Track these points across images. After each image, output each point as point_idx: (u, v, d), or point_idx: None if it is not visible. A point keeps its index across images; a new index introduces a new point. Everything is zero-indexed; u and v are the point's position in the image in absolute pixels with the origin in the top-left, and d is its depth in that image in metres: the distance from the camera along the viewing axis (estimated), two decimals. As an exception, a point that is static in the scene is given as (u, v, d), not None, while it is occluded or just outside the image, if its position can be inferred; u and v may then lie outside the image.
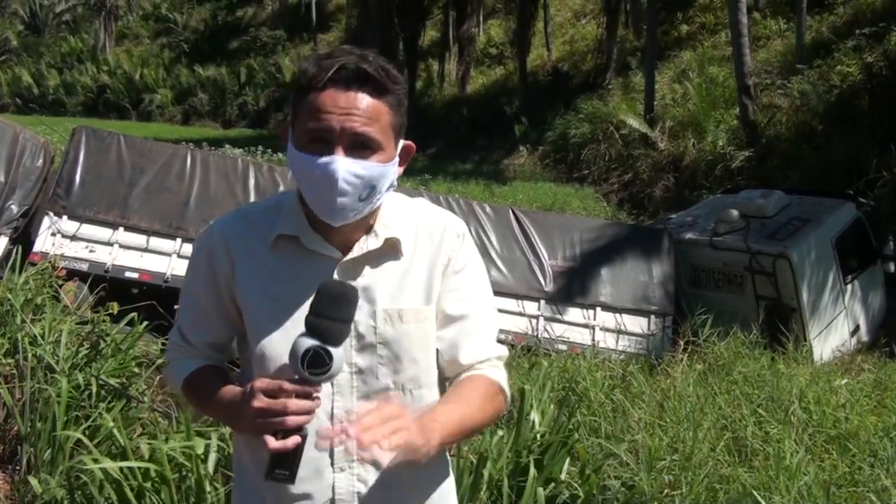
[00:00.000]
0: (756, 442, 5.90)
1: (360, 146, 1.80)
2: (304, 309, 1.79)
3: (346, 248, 1.92)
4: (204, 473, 3.50)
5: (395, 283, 1.94)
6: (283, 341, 1.85)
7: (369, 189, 1.82)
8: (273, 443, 1.70)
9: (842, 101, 17.64)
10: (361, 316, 1.88)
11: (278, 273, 1.91)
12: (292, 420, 1.71)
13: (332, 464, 1.91)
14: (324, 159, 1.78)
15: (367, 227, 1.93)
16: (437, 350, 2.01)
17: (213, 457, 3.66)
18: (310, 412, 1.74)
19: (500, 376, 2.05)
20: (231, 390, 1.93)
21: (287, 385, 1.73)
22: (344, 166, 1.77)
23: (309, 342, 1.72)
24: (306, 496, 1.92)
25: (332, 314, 1.74)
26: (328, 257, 1.91)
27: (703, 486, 4.61)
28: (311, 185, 1.83)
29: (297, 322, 1.83)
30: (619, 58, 26.78)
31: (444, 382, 2.06)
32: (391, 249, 1.95)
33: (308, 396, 1.73)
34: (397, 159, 1.91)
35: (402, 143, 1.93)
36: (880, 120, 16.02)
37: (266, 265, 1.92)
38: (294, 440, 1.72)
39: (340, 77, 1.79)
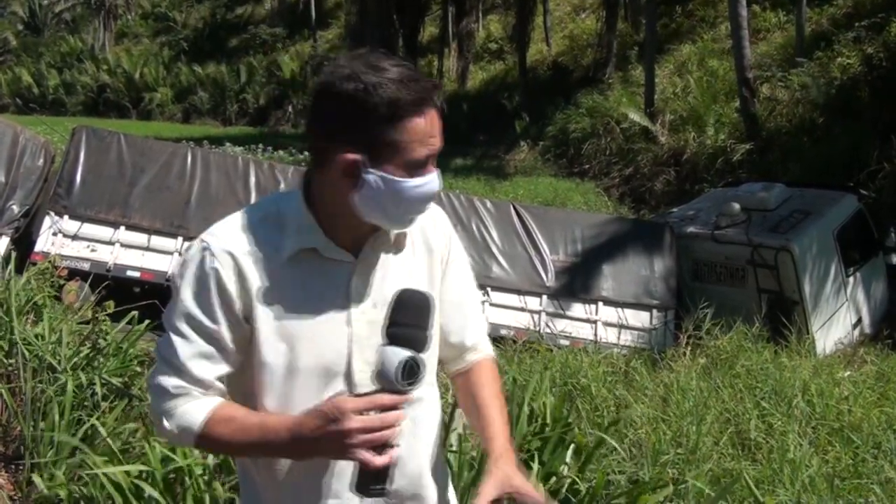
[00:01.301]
0: (759, 435, 5.90)
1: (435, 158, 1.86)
2: (331, 320, 1.84)
3: (356, 249, 1.90)
4: (204, 473, 3.50)
5: (403, 277, 1.95)
6: (312, 355, 1.85)
7: None
8: (379, 459, 1.70)
9: (842, 93, 17.61)
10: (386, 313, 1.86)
11: (299, 287, 1.86)
12: (389, 433, 1.71)
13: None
14: (428, 178, 1.83)
15: (373, 225, 1.91)
16: (442, 335, 2.09)
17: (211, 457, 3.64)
18: (399, 423, 1.74)
19: (491, 349, 2.24)
20: (285, 420, 1.80)
21: (387, 399, 1.72)
22: (439, 180, 1.87)
23: (403, 352, 1.71)
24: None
25: (417, 322, 1.77)
26: (343, 262, 1.89)
27: (707, 479, 4.61)
28: (410, 206, 1.85)
29: (323, 333, 1.85)
30: (618, 52, 26.74)
31: (442, 362, 2.15)
32: (397, 243, 1.96)
33: (395, 407, 1.73)
34: None
35: None
36: (881, 111, 15.99)
37: (285, 280, 1.85)
38: (391, 453, 1.73)
39: (433, 99, 1.81)
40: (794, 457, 5.22)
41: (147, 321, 5.58)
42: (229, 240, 1.85)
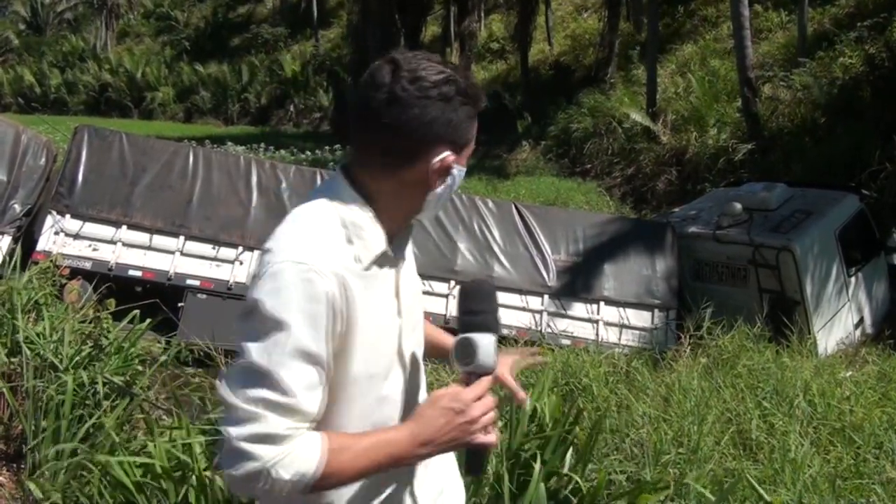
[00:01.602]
0: (761, 435, 5.90)
1: None
2: (391, 315, 1.91)
3: (390, 245, 1.93)
4: (205, 469, 3.50)
5: (411, 265, 2.07)
6: (384, 354, 1.91)
7: None
8: (492, 438, 1.86)
9: (844, 93, 17.59)
10: (414, 302, 2.01)
11: (378, 291, 1.87)
12: (496, 412, 1.87)
13: None
14: (463, 168, 1.96)
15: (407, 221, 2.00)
16: None
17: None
18: None
19: None
20: (403, 429, 1.81)
21: (489, 381, 1.88)
22: None
23: (492, 338, 1.86)
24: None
25: (485, 308, 1.91)
26: (394, 258, 1.93)
27: (709, 479, 4.61)
28: (448, 194, 1.96)
29: (390, 331, 1.91)
30: (620, 51, 26.73)
31: None
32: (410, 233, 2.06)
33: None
34: None
35: None
36: (883, 111, 15.97)
37: (370, 287, 1.84)
38: (496, 431, 1.89)
39: None
40: (795, 457, 5.22)
41: (148, 320, 5.58)
42: (328, 257, 1.77)
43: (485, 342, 1.84)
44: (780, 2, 23.76)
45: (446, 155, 1.86)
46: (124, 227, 10.96)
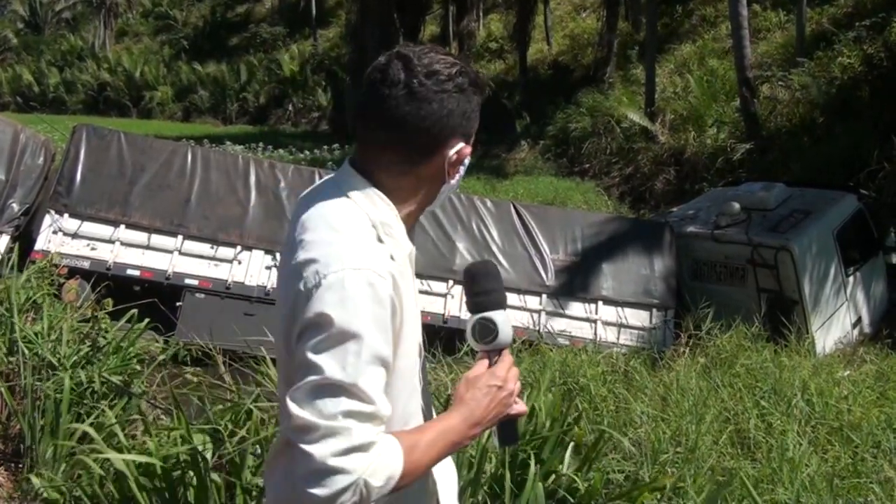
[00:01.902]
0: (759, 434, 5.91)
1: None
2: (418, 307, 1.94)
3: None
4: (204, 468, 3.50)
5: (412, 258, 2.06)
6: (417, 348, 1.93)
7: None
8: (524, 406, 1.97)
9: (842, 92, 17.60)
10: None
11: (408, 286, 1.86)
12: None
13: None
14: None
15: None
16: None
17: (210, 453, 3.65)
18: None
19: None
20: (452, 414, 1.83)
21: (509, 355, 1.94)
22: None
23: (503, 314, 1.93)
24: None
25: (493, 287, 1.95)
26: (413, 253, 1.96)
27: (707, 478, 4.61)
28: (458, 184, 1.98)
29: (420, 320, 1.94)
30: (619, 51, 26.73)
31: None
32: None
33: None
34: None
35: None
36: (881, 111, 15.98)
37: (407, 285, 1.84)
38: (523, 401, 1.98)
39: None
40: (793, 456, 5.23)
41: (147, 319, 5.58)
42: (380, 259, 1.74)
43: (501, 319, 1.90)
44: (779, 2, 23.76)
45: (461, 146, 1.89)
46: (122, 226, 10.95)
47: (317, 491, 1.56)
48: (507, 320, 1.91)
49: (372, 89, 1.81)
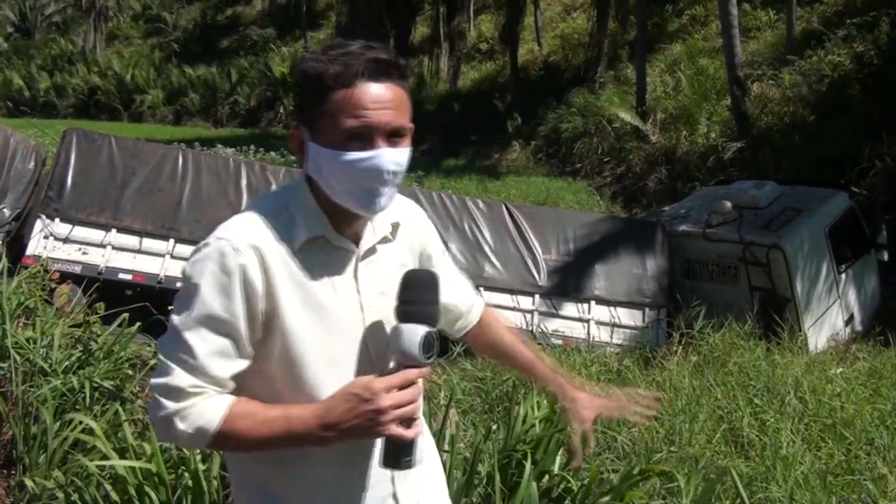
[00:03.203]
0: (752, 432, 5.91)
1: (396, 135, 1.85)
2: (343, 305, 1.90)
3: (357, 240, 1.96)
4: (203, 469, 3.50)
5: (396, 266, 2.01)
6: (326, 342, 1.89)
7: (401, 174, 1.89)
8: (410, 432, 1.80)
9: (833, 91, 17.67)
10: (385, 300, 1.95)
11: (312, 275, 1.89)
12: (417, 406, 1.83)
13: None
14: (370, 153, 1.82)
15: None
16: (452, 313, 2.29)
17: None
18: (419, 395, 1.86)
19: (482, 299, 2.44)
20: (307, 409, 1.82)
21: (413, 373, 1.81)
22: (389, 157, 1.83)
23: (421, 328, 1.80)
24: (367, 487, 1.97)
25: (424, 298, 1.86)
26: (349, 251, 1.95)
27: (701, 477, 4.61)
28: (353, 181, 1.84)
29: (339, 319, 1.90)
30: (609, 51, 26.77)
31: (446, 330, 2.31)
32: (392, 233, 2.04)
33: (413, 383, 1.82)
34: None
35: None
36: (872, 109, 16.04)
37: (298, 270, 1.87)
38: (419, 424, 1.85)
39: (370, 70, 1.83)
40: (786, 453, 5.24)
41: (138, 323, 5.56)
42: (250, 235, 1.85)
43: (408, 332, 1.80)
44: (769, 0, 23.83)
45: (295, 131, 1.95)
46: (114, 230, 10.93)
47: (149, 415, 1.87)
48: (415, 335, 1.80)
49: None
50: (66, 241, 10.78)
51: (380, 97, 1.82)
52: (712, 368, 7.68)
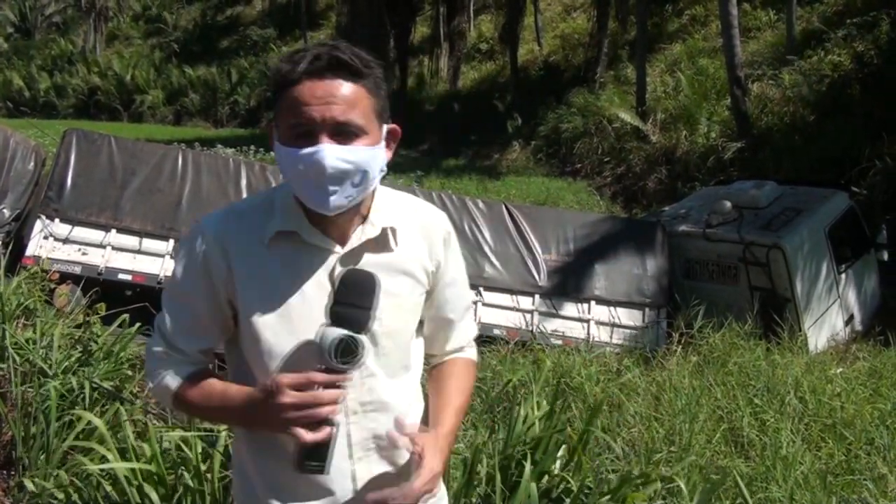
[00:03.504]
0: (752, 432, 5.91)
1: (344, 133, 1.82)
2: (308, 303, 1.87)
3: (344, 240, 1.94)
4: (205, 469, 3.50)
5: (395, 273, 1.97)
6: (289, 337, 1.88)
7: (361, 174, 1.83)
8: (308, 435, 1.76)
9: (833, 91, 17.67)
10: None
11: (279, 270, 1.90)
12: (325, 410, 1.77)
13: (351, 455, 1.94)
14: (309, 149, 1.80)
15: (362, 217, 1.95)
16: (427, 337, 2.16)
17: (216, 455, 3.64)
18: (338, 402, 1.80)
19: (475, 353, 2.29)
20: (242, 391, 1.90)
21: (319, 376, 1.78)
22: (331, 153, 1.79)
23: (338, 332, 1.76)
24: (328, 492, 1.94)
25: (357, 302, 1.81)
26: (327, 250, 1.92)
27: (701, 477, 4.61)
28: (302, 179, 1.83)
29: (301, 317, 1.87)
30: (609, 51, 26.78)
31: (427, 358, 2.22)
32: (386, 239, 1.97)
33: (334, 386, 1.79)
34: (384, 143, 1.93)
35: (386, 126, 1.94)
36: (872, 109, 16.04)
37: (266, 263, 1.90)
38: (327, 430, 1.78)
39: (315, 68, 1.81)
40: (786, 453, 5.24)
41: (138, 324, 5.56)
42: (221, 224, 1.95)
43: (326, 335, 1.77)
44: (769, 0, 23.83)
45: (268, 126, 1.98)
46: (114, 230, 10.91)
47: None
48: (332, 338, 1.76)
49: None
50: (65, 241, 10.76)
51: (324, 92, 1.81)
52: (712, 368, 7.67)
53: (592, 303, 11.30)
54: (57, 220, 10.81)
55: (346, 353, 1.75)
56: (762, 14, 23.69)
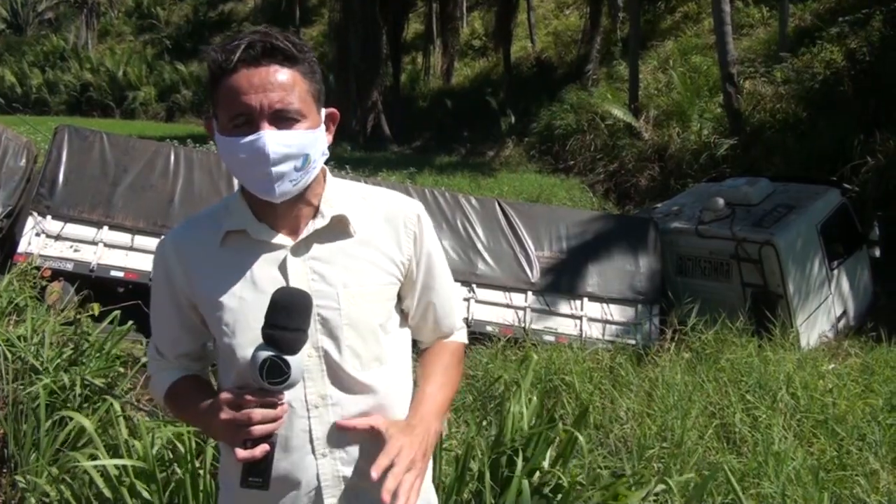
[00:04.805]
0: (744, 428, 5.92)
1: (283, 118, 1.82)
2: (262, 299, 1.84)
3: (295, 234, 1.94)
4: (198, 466, 3.49)
5: (354, 263, 1.96)
6: (247, 336, 1.88)
7: (303, 158, 1.84)
8: (241, 453, 1.77)
9: (826, 87, 17.68)
10: (323, 299, 1.91)
11: (231, 269, 1.92)
12: (258, 430, 1.78)
13: (314, 451, 1.93)
14: (250, 137, 1.80)
15: (312, 208, 1.96)
16: (413, 327, 2.16)
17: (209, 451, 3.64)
18: (276, 420, 1.80)
19: (464, 337, 2.29)
20: (206, 402, 1.93)
21: (249, 397, 1.79)
22: (272, 139, 1.80)
23: (265, 353, 1.75)
24: (293, 486, 1.94)
25: (286, 323, 1.77)
26: (278, 245, 1.93)
27: (694, 473, 4.62)
28: (245, 167, 1.84)
29: (257, 313, 1.84)
30: (602, 48, 26.78)
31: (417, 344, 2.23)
32: (340, 227, 1.97)
33: (273, 406, 1.80)
34: (323, 126, 1.93)
35: (324, 110, 1.95)
36: (864, 106, 16.06)
37: (219, 264, 1.92)
38: (262, 449, 1.78)
39: (250, 55, 1.81)
40: (779, 449, 5.25)
41: (130, 321, 5.55)
42: (179, 234, 2.02)
43: (254, 357, 1.77)
44: (762, -3, 23.88)
45: (209, 120, 1.97)
46: (106, 227, 10.87)
47: None
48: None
49: None
50: (57, 238, 10.72)
51: (260, 79, 1.81)
52: (704, 365, 7.69)
53: (585, 299, 11.30)
54: (48, 217, 10.77)
55: (274, 375, 1.76)
56: (755, 11, 23.72)
